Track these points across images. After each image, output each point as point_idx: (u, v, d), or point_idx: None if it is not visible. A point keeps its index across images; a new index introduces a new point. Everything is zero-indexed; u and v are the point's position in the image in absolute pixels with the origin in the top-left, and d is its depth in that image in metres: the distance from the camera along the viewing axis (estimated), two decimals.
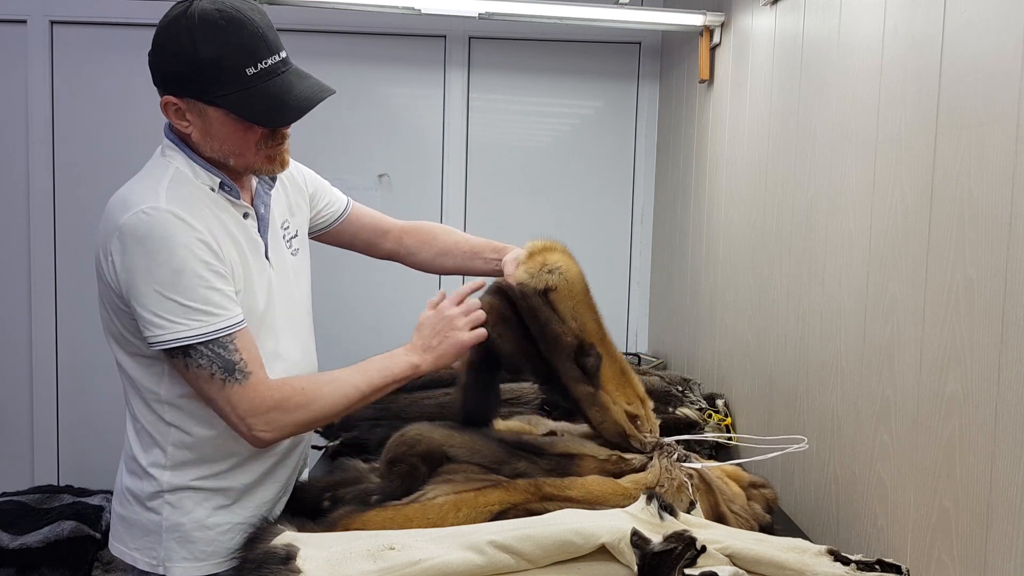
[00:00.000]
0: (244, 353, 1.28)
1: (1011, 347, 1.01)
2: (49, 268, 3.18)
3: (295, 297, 1.53)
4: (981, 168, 1.09)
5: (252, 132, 1.30)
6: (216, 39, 1.22)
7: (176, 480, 1.37)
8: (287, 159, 1.39)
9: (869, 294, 1.40)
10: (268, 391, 1.30)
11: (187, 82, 1.26)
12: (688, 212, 2.67)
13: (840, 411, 1.50)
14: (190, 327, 1.24)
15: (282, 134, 1.36)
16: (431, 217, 3.27)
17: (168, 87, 1.29)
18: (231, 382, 1.26)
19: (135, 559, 1.40)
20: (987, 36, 1.09)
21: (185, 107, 1.29)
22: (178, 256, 1.24)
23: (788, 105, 1.80)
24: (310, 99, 1.30)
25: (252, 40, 1.25)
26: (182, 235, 1.25)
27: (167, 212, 1.25)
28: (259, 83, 1.25)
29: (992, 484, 1.05)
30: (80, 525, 2.72)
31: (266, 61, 1.26)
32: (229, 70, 1.23)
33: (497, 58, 3.26)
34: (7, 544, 2.62)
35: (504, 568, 1.04)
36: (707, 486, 1.34)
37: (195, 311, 1.24)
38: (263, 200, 1.45)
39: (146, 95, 1.37)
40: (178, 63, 1.25)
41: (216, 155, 1.33)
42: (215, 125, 1.29)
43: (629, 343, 3.34)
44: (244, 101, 1.25)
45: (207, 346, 1.25)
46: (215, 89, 1.24)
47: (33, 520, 2.73)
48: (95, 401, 3.20)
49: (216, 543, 1.39)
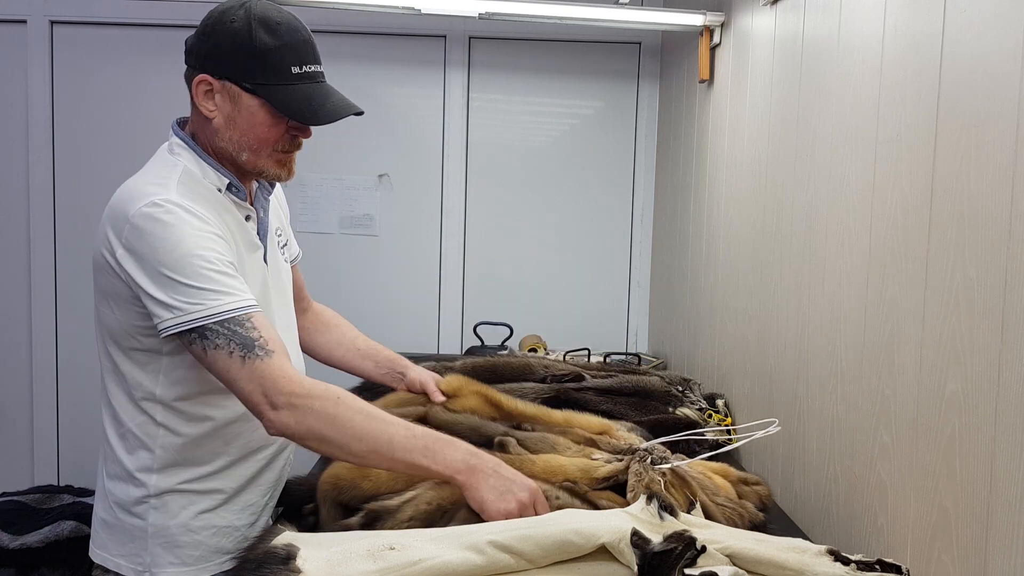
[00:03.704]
0: (263, 331, 1.25)
1: (1011, 347, 1.01)
2: (49, 268, 3.18)
3: (288, 303, 1.54)
4: (981, 168, 1.09)
5: (277, 129, 1.34)
6: (272, 33, 1.29)
7: (163, 483, 1.36)
8: (294, 168, 1.41)
9: (869, 294, 1.40)
10: (295, 375, 1.25)
11: (233, 65, 1.30)
12: (688, 212, 2.67)
13: (840, 411, 1.50)
14: (205, 307, 1.23)
15: (299, 141, 1.39)
16: (431, 216, 3.28)
17: (208, 66, 1.31)
18: (252, 358, 1.22)
19: (119, 566, 1.38)
20: (987, 36, 1.09)
21: (218, 89, 1.31)
22: (189, 242, 1.24)
23: (788, 105, 1.80)
24: (343, 109, 1.36)
25: (302, 45, 1.33)
26: (192, 226, 1.26)
27: (178, 205, 1.27)
28: (300, 83, 1.32)
29: (992, 484, 1.05)
30: (80, 525, 2.72)
31: (311, 67, 1.34)
32: (277, 62, 1.29)
33: (497, 58, 3.26)
34: (7, 544, 2.62)
35: (504, 568, 1.04)
36: (681, 480, 1.34)
37: (208, 292, 1.23)
38: (262, 204, 1.46)
39: (146, 95, 1.38)
40: (229, 45, 1.29)
41: (232, 146, 1.34)
42: (245, 114, 1.32)
43: (629, 343, 3.34)
44: (284, 95, 1.31)
45: (223, 325, 1.23)
46: (260, 77, 1.29)
47: (33, 520, 2.73)
48: (95, 401, 3.16)
49: (203, 547, 1.38)
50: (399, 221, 3.27)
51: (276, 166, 1.38)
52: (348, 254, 3.24)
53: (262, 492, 1.47)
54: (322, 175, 3.21)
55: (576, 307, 3.31)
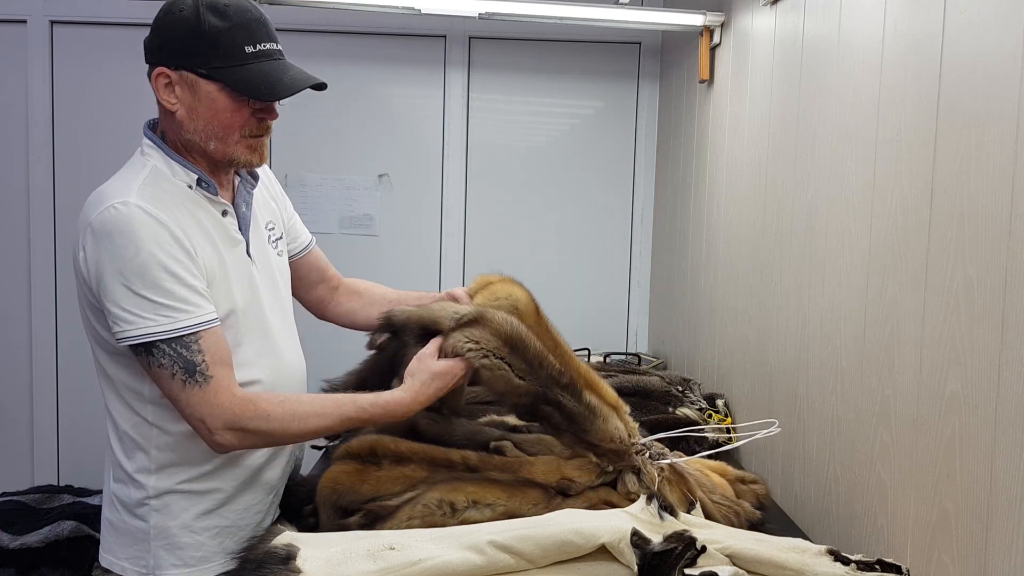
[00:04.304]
0: (208, 355, 1.27)
1: (1011, 347, 1.01)
2: (49, 268, 3.18)
3: (283, 296, 1.52)
4: (981, 168, 1.09)
5: (240, 113, 1.32)
6: (221, 16, 1.28)
7: (162, 484, 1.36)
8: (266, 153, 1.40)
9: (869, 294, 1.40)
10: (230, 399, 1.28)
11: (186, 53, 1.28)
12: (688, 212, 2.67)
13: (840, 411, 1.50)
14: (156, 323, 1.24)
15: (267, 124, 1.36)
16: (431, 216, 3.28)
17: (163, 58, 1.30)
18: (191, 384, 1.26)
19: (124, 569, 1.38)
20: (987, 36, 1.09)
21: (177, 80, 1.30)
22: (144, 251, 1.24)
23: (788, 105, 1.80)
24: (302, 81, 1.33)
25: (254, 24, 1.31)
26: (149, 230, 1.25)
27: (136, 207, 1.25)
28: (255, 61, 1.30)
29: (992, 484, 1.05)
30: (80, 525, 2.71)
31: (265, 45, 1.31)
32: (229, 44, 1.28)
33: (497, 58, 3.26)
34: (7, 544, 2.62)
35: (504, 568, 1.04)
36: (679, 476, 1.34)
37: (161, 307, 1.24)
38: (244, 199, 1.45)
39: (146, 95, 1.37)
40: (180, 33, 1.28)
41: (198, 137, 1.33)
42: (205, 101, 1.30)
43: (629, 343, 3.34)
44: (239, 75, 1.28)
45: (170, 344, 1.25)
46: (213, 60, 1.28)
47: (33, 520, 2.73)
48: (95, 401, 3.16)
49: (205, 547, 1.38)
50: (399, 221, 3.27)
51: (247, 152, 1.35)
52: (348, 254, 3.23)
53: (265, 491, 1.46)
54: (322, 175, 3.21)
55: (576, 307, 3.31)
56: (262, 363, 1.42)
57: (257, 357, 1.41)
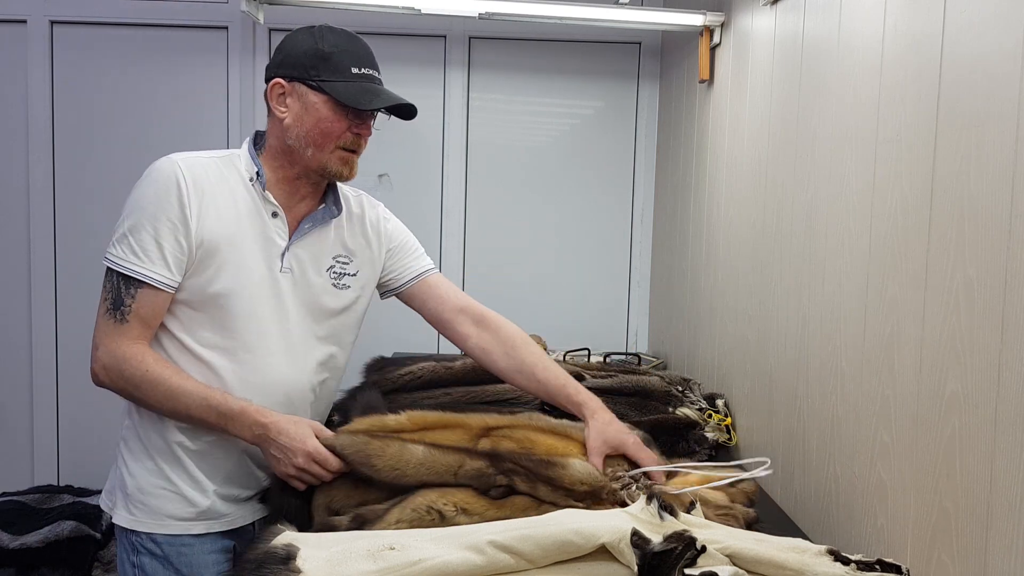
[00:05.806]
0: (136, 305, 1.42)
1: (1011, 347, 1.01)
2: (49, 268, 3.18)
3: (306, 317, 1.56)
4: (981, 168, 1.09)
5: (339, 123, 1.48)
6: (336, 42, 1.50)
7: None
8: (356, 170, 1.56)
9: (869, 294, 1.40)
10: (127, 346, 1.42)
11: (301, 67, 1.48)
12: (688, 212, 2.67)
13: (840, 411, 1.50)
14: (120, 255, 1.42)
15: (361, 142, 1.53)
16: (431, 217, 3.27)
17: (281, 71, 1.50)
18: (110, 315, 1.43)
19: (102, 500, 1.59)
20: (987, 36, 1.09)
21: (289, 91, 1.49)
22: (149, 197, 1.42)
23: (788, 105, 1.80)
24: (395, 99, 1.51)
25: (362, 51, 1.52)
26: (164, 187, 1.42)
27: (174, 162, 1.44)
28: (360, 81, 1.49)
29: (992, 484, 1.05)
30: (80, 525, 2.72)
31: (369, 70, 1.51)
32: (339, 63, 1.47)
33: (497, 58, 3.26)
34: (7, 544, 2.62)
35: (504, 568, 1.04)
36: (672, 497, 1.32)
37: (128, 246, 1.42)
38: (317, 221, 1.57)
39: (146, 95, 1.38)
40: (299, 51, 1.49)
41: (300, 143, 1.48)
42: (311, 110, 1.47)
43: (629, 343, 3.34)
44: (344, 89, 1.47)
45: (120, 277, 1.42)
46: (324, 74, 1.47)
47: (33, 520, 2.73)
48: (95, 401, 3.18)
49: (150, 498, 1.50)
50: None
51: (339, 163, 1.52)
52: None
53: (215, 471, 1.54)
54: None
55: (576, 307, 3.31)
56: (240, 358, 1.49)
57: (238, 351, 1.48)
